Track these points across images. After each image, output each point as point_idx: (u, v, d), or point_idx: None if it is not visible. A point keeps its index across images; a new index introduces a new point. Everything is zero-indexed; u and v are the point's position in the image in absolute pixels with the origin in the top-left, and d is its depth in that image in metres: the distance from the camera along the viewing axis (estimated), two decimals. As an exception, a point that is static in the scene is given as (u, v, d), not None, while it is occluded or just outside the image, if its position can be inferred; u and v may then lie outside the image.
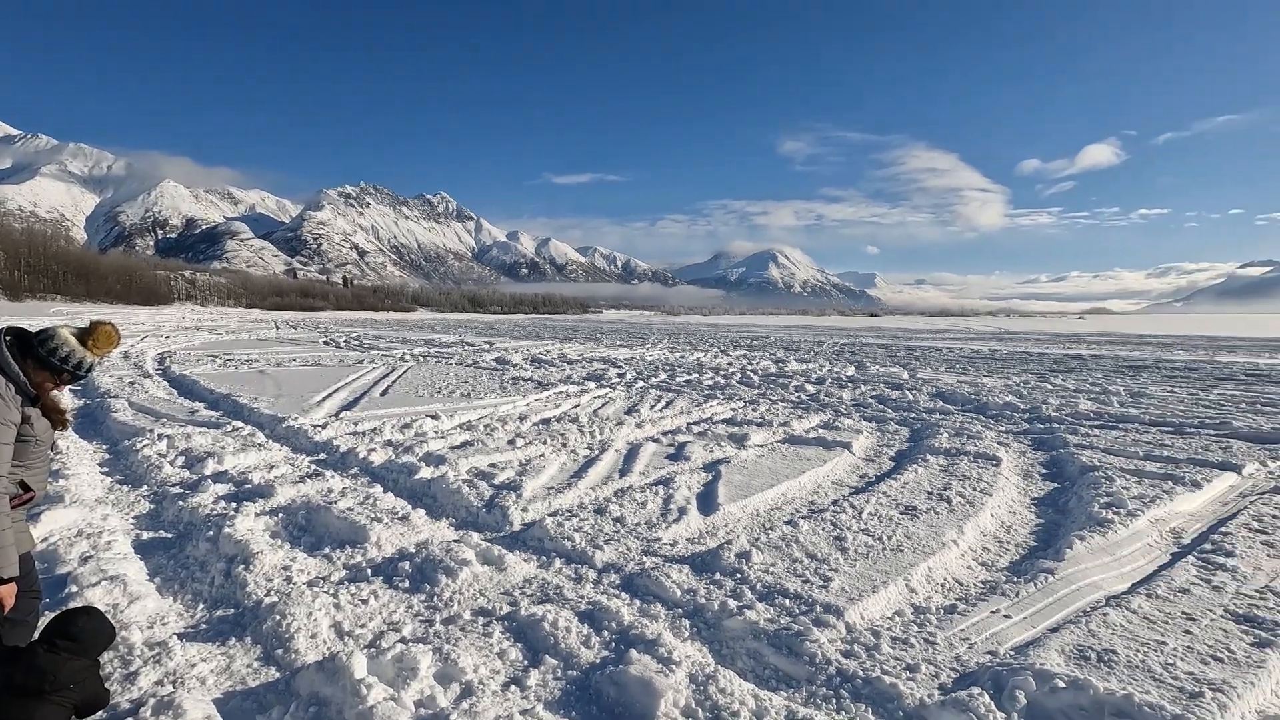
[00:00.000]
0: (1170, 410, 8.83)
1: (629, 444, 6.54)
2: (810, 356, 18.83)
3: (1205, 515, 4.58)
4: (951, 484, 5.15)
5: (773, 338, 31.58)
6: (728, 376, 12.89)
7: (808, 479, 5.39)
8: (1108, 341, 28.18)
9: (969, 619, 3.01)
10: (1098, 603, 3.15)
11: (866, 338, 32.15)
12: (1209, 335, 34.14)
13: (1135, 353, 20.68)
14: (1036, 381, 12.38)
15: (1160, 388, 11.43)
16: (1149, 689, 2.36)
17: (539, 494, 4.75)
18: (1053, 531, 4.29)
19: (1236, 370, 14.57)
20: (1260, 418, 8.16)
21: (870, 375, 13.52)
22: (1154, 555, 3.85)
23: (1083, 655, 2.60)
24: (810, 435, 7.11)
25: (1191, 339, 30.02)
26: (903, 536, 3.94)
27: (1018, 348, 23.59)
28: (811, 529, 4.06)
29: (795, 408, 9.11)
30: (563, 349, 21.27)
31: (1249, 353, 20.68)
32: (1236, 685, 2.39)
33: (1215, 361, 17.04)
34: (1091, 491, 4.90)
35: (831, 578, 3.34)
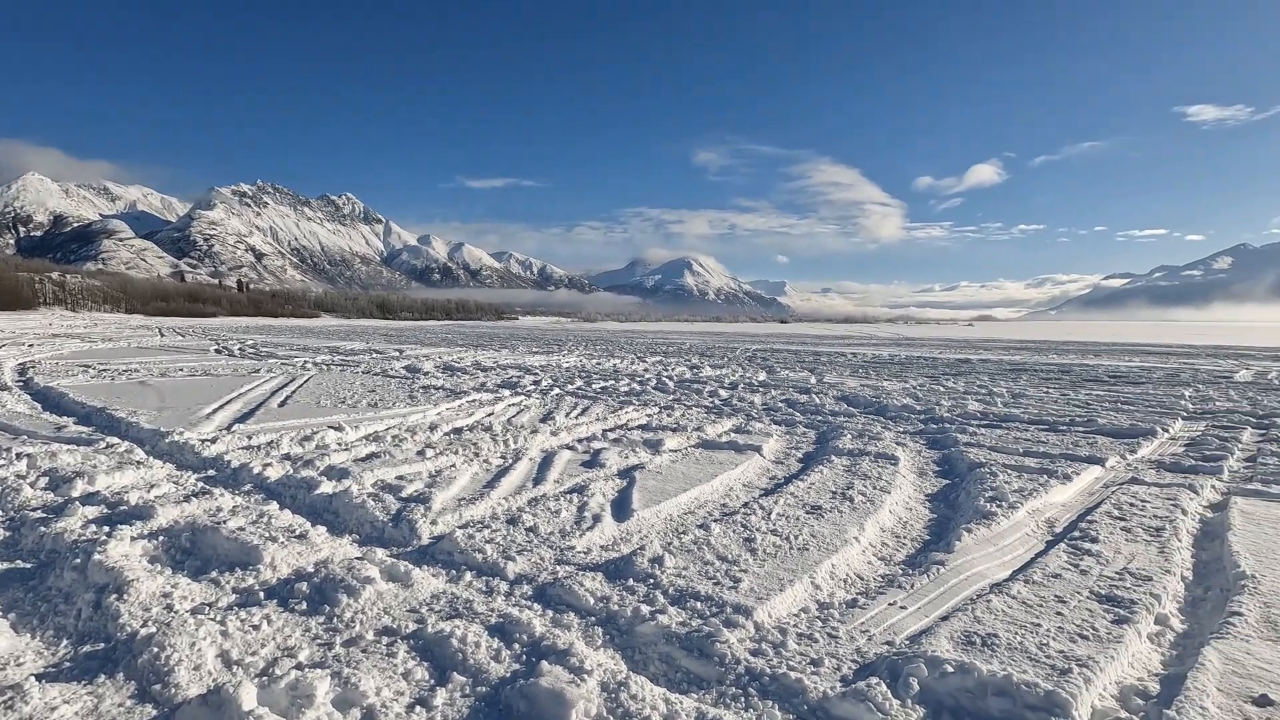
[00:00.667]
0: (1046, 410, 9.61)
1: (544, 452, 6.47)
2: (724, 362, 19.27)
3: (1075, 505, 5.01)
4: (854, 483, 5.39)
5: (688, 344, 32.12)
6: (644, 383, 13.00)
7: (720, 482, 5.50)
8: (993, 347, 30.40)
9: (869, 612, 3.16)
10: (983, 590, 3.38)
11: (777, 344, 33.24)
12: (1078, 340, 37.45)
13: (1016, 357, 22.40)
14: (931, 384, 13.18)
15: (1038, 389, 12.42)
16: (1026, 668, 2.55)
17: (449, 506, 4.62)
18: (944, 525, 4.57)
19: (1101, 372, 16.05)
20: (1121, 415, 9.02)
21: (780, 380, 13.98)
22: (1031, 544, 4.17)
23: (969, 640, 2.78)
24: (723, 439, 7.27)
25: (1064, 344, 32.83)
26: (809, 535, 4.09)
27: (915, 353, 25.04)
28: (723, 531, 4.15)
29: (709, 413, 9.30)
30: (477, 356, 20.82)
31: (1111, 356, 22.84)
32: (1099, 659, 2.62)
33: (1084, 364, 18.71)
34: (978, 486, 5.26)
35: (741, 578, 3.42)
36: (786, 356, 22.26)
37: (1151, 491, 5.22)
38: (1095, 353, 24.89)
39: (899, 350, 26.90)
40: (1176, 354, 24.02)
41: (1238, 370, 16.62)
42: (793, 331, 63.70)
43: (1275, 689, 2.42)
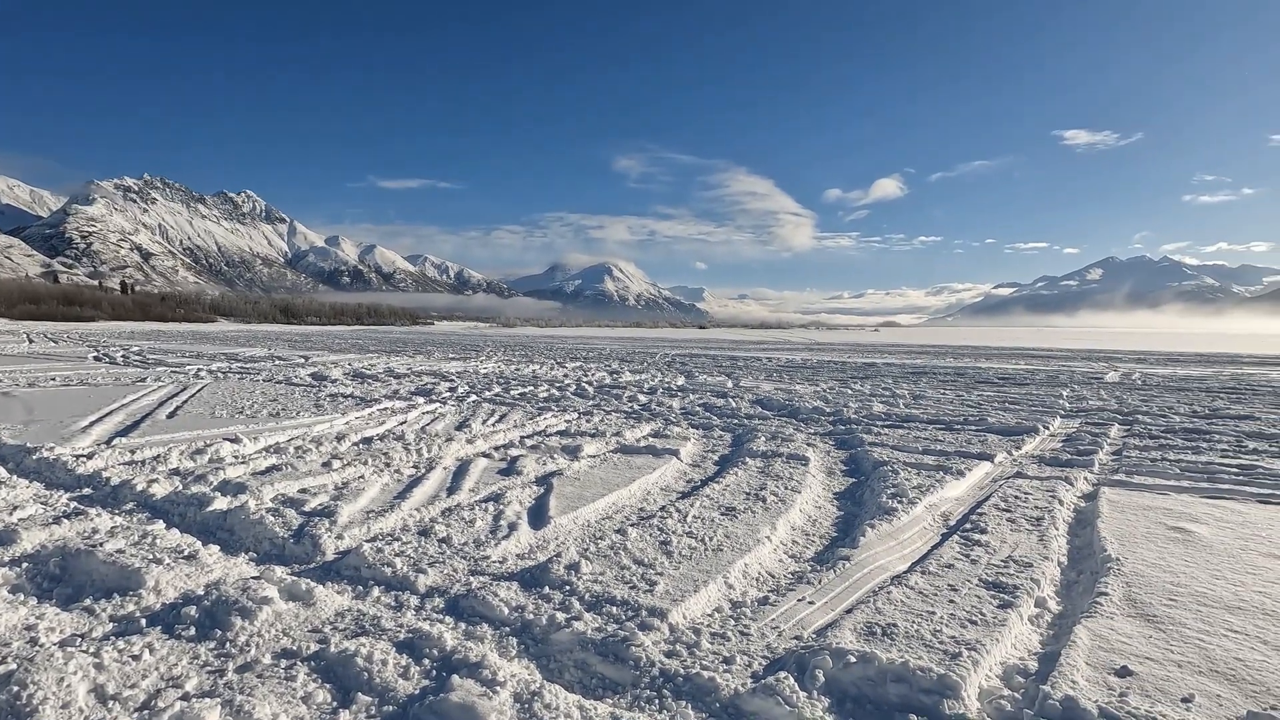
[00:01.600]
0: (943, 410, 10.23)
1: (459, 460, 6.31)
2: (643, 367, 19.43)
3: (967, 499, 5.35)
4: (767, 484, 5.56)
5: (608, 349, 32.17)
6: (563, 388, 12.92)
7: (637, 487, 5.54)
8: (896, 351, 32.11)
9: (779, 608, 3.26)
10: (884, 583, 3.55)
11: (696, 349, 33.81)
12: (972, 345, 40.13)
13: (917, 361, 23.74)
14: (840, 387, 13.77)
15: (936, 391, 13.21)
16: (921, 654, 2.71)
17: (357, 519, 4.43)
18: (850, 522, 4.78)
19: (991, 374, 17.25)
20: (1007, 414, 9.72)
21: (698, 384, 14.23)
22: (928, 537, 4.42)
23: (871, 631, 2.92)
24: (641, 444, 7.32)
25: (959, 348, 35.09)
26: (723, 536, 4.19)
27: (825, 357, 26.10)
28: (639, 535, 4.18)
29: (628, 418, 9.34)
30: (389, 363, 20.08)
31: (1000, 359, 24.59)
32: (986, 643, 2.81)
33: (976, 367, 20.06)
34: (881, 484, 5.54)
35: (657, 581, 3.45)
36: (705, 361, 22.68)
37: (1033, 484, 5.66)
38: (986, 356, 26.73)
39: (811, 355, 27.95)
40: (1056, 357, 26.14)
41: (1107, 372, 18.27)
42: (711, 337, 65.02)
43: (1134, 660, 2.67)
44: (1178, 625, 2.99)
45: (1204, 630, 2.95)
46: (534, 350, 30.74)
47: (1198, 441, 7.71)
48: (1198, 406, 10.82)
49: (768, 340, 51.75)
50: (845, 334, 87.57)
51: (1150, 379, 16.23)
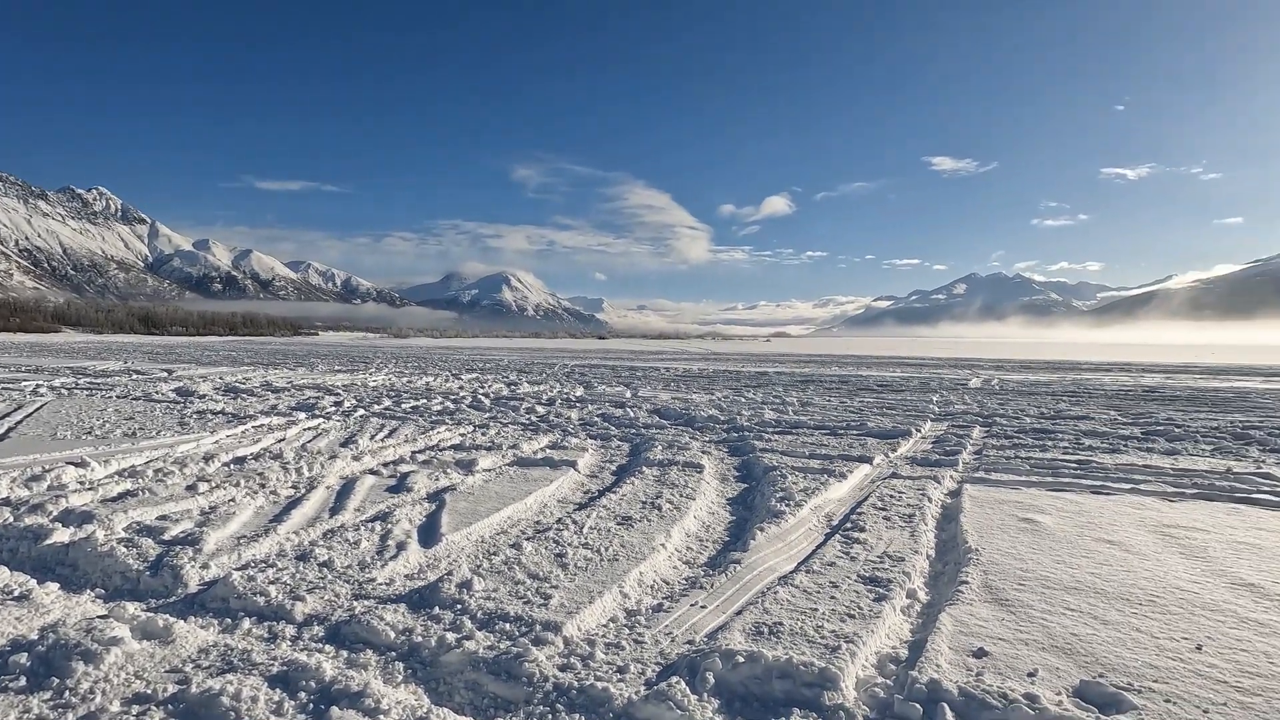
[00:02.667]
0: (828, 416, 10.81)
1: (343, 479, 5.98)
2: (542, 378, 19.24)
3: (849, 500, 5.68)
4: (663, 492, 5.65)
5: (506, 360, 31.62)
6: (458, 401, 12.56)
7: (534, 500, 5.47)
8: (787, 360, 33.61)
9: (673, 614, 3.32)
10: (772, 583, 3.70)
11: (595, 359, 33.88)
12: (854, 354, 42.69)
13: (806, 369, 24.96)
14: (734, 396, 14.24)
15: (822, 398, 13.94)
16: (804, 650, 2.84)
17: (226, 546, 4.09)
18: (742, 526, 4.95)
19: (871, 382, 18.42)
20: (885, 419, 10.41)
21: (597, 395, 14.26)
22: (814, 537, 4.65)
23: (759, 631, 3.03)
24: (539, 456, 7.24)
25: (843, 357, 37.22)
26: (619, 546, 4.21)
27: (721, 366, 26.90)
28: (535, 549, 4.12)
29: (526, 430, 9.22)
30: (268, 375, 18.76)
31: (879, 367, 26.31)
32: (862, 635, 2.99)
33: (858, 375, 21.36)
34: (770, 488, 5.77)
35: (552, 595, 3.42)
36: (604, 372, 22.77)
37: (907, 484, 6.08)
38: (867, 365, 28.51)
39: (707, 364, 28.72)
40: (928, 365, 28.28)
41: (971, 379, 19.97)
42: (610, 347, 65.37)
43: (989, 642, 2.93)
44: (1025, 607, 3.31)
45: (1047, 610, 3.28)
46: (428, 362, 29.70)
47: (1044, 440, 8.58)
48: (1045, 409, 12.05)
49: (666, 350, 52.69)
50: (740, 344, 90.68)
51: (1006, 385, 17.89)
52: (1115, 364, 29.50)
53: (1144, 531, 4.61)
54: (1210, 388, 16.88)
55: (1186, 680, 2.61)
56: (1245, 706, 2.43)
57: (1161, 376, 21.02)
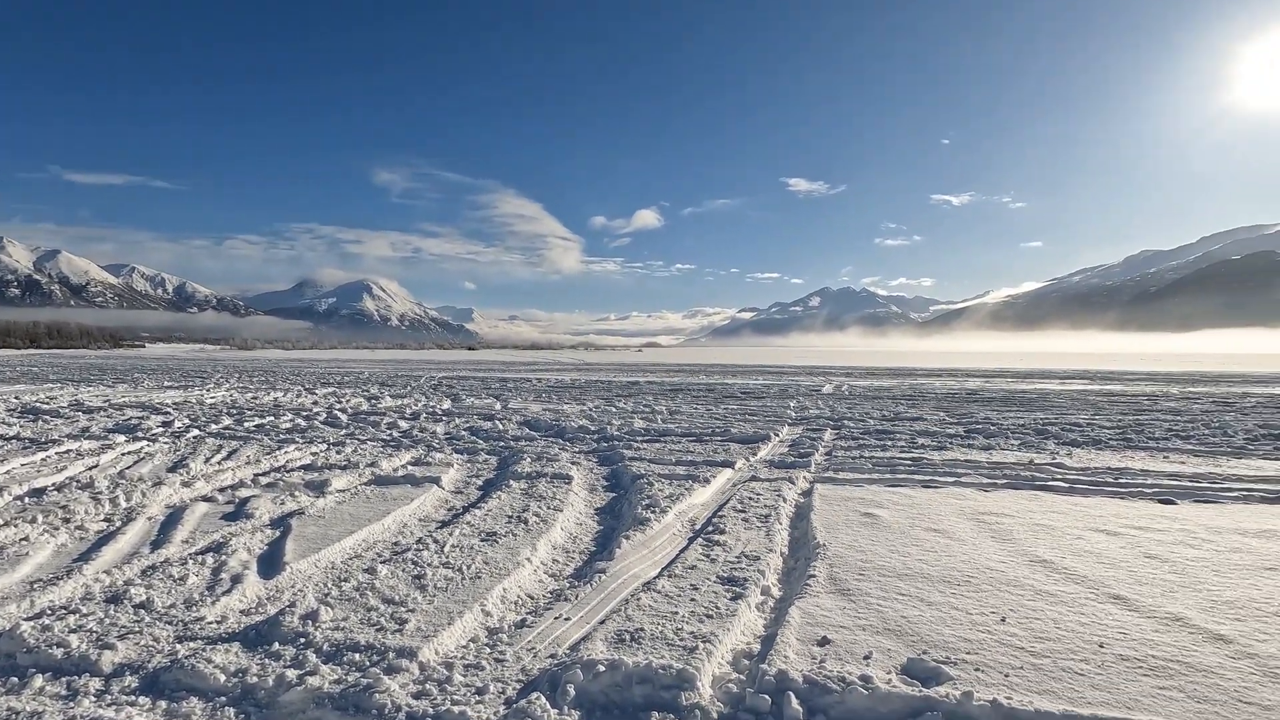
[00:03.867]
0: (695, 423, 11.17)
1: (169, 508, 5.38)
2: (406, 391, 18.38)
3: (711, 504, 5.90)
4: (530, 505, 5.58)
5: (367, 373, 29.88)
6: (310, 417, 11.70)
7: (392, 520, 5.20)
8: (657, 370, 34.40)
9: (536, 629, 3.28)
10: (636, 590, 3.76)
11: (465, 370, 32.87)
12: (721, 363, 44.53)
13: (675, 378, 25.68)
14: (605, 405, 14.35)
15: (690, 406, 14.40)
16: (664, 653, 2.91)
17: (14, 593, 3.54)
18: (609, 536, 4.99)
19: (736, 389, 19.29)
20: (747, 424, 10.93)
21: (465, 408, 13.84)
22: (677, 542, 4.78)
23: (620, 639, 3.07)
24: (399, 474, 6.90)
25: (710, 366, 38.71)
26: (482, 563, 4.10)
27: (593, 377, 27.03)
28: (391, 572, 3.92)
29: (386, 446, 8.76)
30: (79, 394, 16.49)
31: (743, 376, 27.62)
32: (719, 633, 3.11)
33: (724, 383, 22.28)
34: (638, 496, 5.87)
35: (408, 619, 3.27)
36: (473, 384, 22.14)
37: (765, 486, 6.42)
38: (733, 374, 29.83)
39: (580, 375, 28.75)
40: (787, 373, 30.06)
41: (824, 385, 21.47)
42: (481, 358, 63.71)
43: (832, 630, 3.16)
44: (864, 595, 3.60)
45: (882, 597, 3.59)
46: (278, 376, 27.42)
47: (885, 440, 9.39)
48: (886, 412, 13.19)
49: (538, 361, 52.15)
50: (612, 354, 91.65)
51: (855, 390, 19.41)
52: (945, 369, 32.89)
53: (963, 519, 5.17)
54: (1019, 390, 19.26)
55: (993, 650, 2.96)
56: (1036, 668, 2.79)
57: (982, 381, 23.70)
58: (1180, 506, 5.64)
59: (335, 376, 26.85)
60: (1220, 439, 9.46)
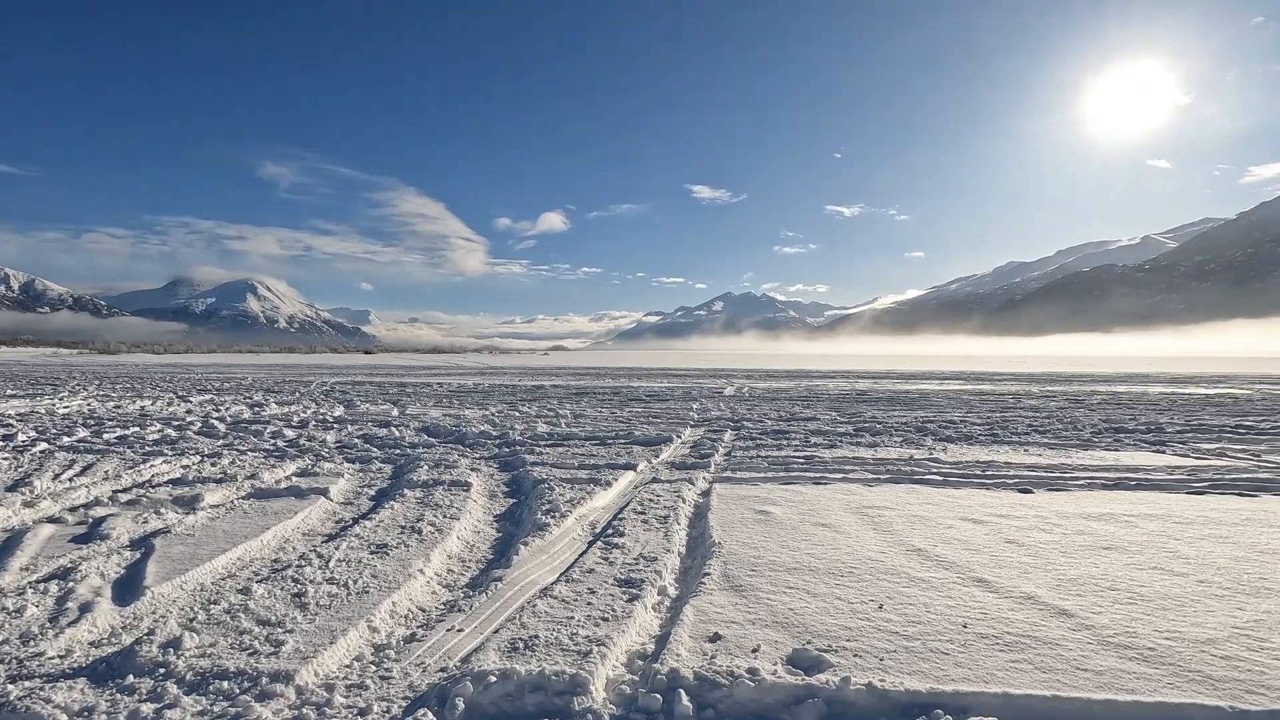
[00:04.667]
0: (600, 426, 11.19)
1: (6, 532, 4.80)
2: (294, 398, 17.32)
3: (612, 507, 5.92)
4: (425, 514, 5.39)
5: (251, 378, 27.91)
6: (183, 427, 10.79)
7: (273, 535, 4.88)
8: (563, 373, 34.19)
9: (426, 643, 3.17)
10: (533, 597, 3.72)
11: (360, 375, 31.37)
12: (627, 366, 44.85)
13: (581, 381, 25.62)
14: (509, 410, 14.11)
15: (595, 409, 14.40)
16: (558, 659, 2.89)
17: None
18: (508, 542, 4.90)
19: (641, 392, 19.48)
20: (651, 427, 11.06)
21: (359, 414, 13.21)
22: (577, 547, 4.77)
23: (514, 647, 3.02)
24: (283, 486, 6.49)
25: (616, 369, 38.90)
26: (370, 577, 3.92)
27: (497, 381, 26.51)
28: (268, 591, 3.68)
29: (269, 456, 8.21)
30: (-105, 405, 14.40)
31: (648, 379, 27.94)
32: (614, 636, 3.13)
33: (629, 386, 22.45)
34: (538, 501, 5.81)
35: (285, 640, 3.07)
36: (369, 389, 21.17)
37: (665, 487, 6.51)
38: (638, 377, 30.11)
39: (483, 379, 28.11)
40: (691, 376, 30.68)
41: (726, 387, 22.07)
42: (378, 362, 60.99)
43: (723, 626, 3.25)
44: (755, 590, 3.73)
45: (772, 591, 3.73)
46: (145, 382, 25.11)
47: (780, 440, 9.77)
48: (783, 412, 13.73)
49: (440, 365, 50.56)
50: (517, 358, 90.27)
51: (755, 391, 20.08)
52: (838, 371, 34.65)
53: (849, 513, 5.46)
54: (903, 390, 20.59)
55: (870, 636, 3.14)
56: (908, 650, 2.98)
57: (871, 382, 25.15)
58: (1036, 495, 6.21)
59: (214, 382, 24.91)
60: (1071, 433, 10.50)
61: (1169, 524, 5.11)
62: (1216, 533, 4.88)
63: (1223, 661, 2.85)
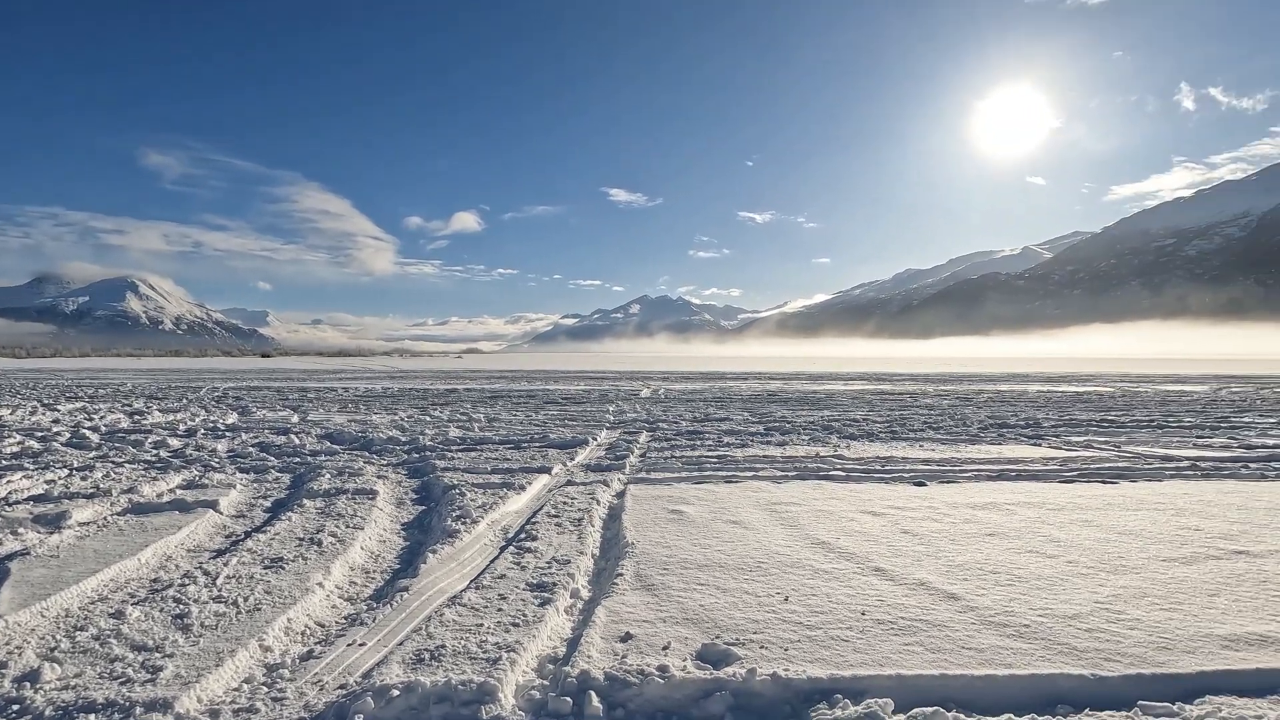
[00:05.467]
0: (514, 430, 11.01)
1: None
2: (181, 405, 16.09)
3: (526, 511, 5.83)
4: (326, 525, 5.13)
5: (131, 384, 25.71)
6: (48, 438, 9.80)
7: (152, 553, 4.50)
8: (477, 376, 33.46)
9: (325, 660, 3.01)
10: (441, 606, 3.60)
11: (256, 380, 29.53)
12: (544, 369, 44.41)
13: (496, 385, 25.15)
14: (419, 415, 13.65)
15: (510, 413, 14.17)
16: (465, 668, 2.82)
17: None
18: (415, 551, 4.74)
19: (557, 395, 19.34)
20: (566, 429, 11.00)
21: (255, 421, 12.43)
22: (488, 552, 4.67)
23: (420, 659, 2.92)
24: (165, 499, 6.01)
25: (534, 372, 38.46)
26: (263, 593, 3.69)
27: (408, 385, 25.61)
28: (145, 614, 3.39)
29: (150, 468, 7.59)
30: None
31: (565, 381, 27.78)
32: (525, 641, 3.08)
33: (546, 389, 22.24)
34: (448, 508, 5.64)
35: (164, 666, 2.84)
36: (267, 394, 19.96)
37: (580, 490, 6.49)
38: (555, 379, 29.87)
39: (392, 383, 27.09)
40: (608, 378, 30.74)
41: (642, 390, 22.25)
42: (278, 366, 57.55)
43: (635, 625, 3.27)
44: (667, 589, 3.77)
45: (683, 589, 3.78)
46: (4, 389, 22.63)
47: (695, 441, 9.95)
48: (697, 413, 13.99)
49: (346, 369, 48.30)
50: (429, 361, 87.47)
51: (671, 393, 20.35)
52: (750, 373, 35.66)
53: (759, 510, 5.62)
54: (811, 390, 21.43)
55: (776, 628, 3.24)
56: (811, 639, 3.10)
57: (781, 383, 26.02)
58: (930, 487, 6.61)
59: (86, 389, 22.77)
60: (961, 429, 11.26)
61: (1043, 511, 5.57)
62: (1083, 517, 5.35)
63: (1086, 634, 3.13)
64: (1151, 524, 5.15)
